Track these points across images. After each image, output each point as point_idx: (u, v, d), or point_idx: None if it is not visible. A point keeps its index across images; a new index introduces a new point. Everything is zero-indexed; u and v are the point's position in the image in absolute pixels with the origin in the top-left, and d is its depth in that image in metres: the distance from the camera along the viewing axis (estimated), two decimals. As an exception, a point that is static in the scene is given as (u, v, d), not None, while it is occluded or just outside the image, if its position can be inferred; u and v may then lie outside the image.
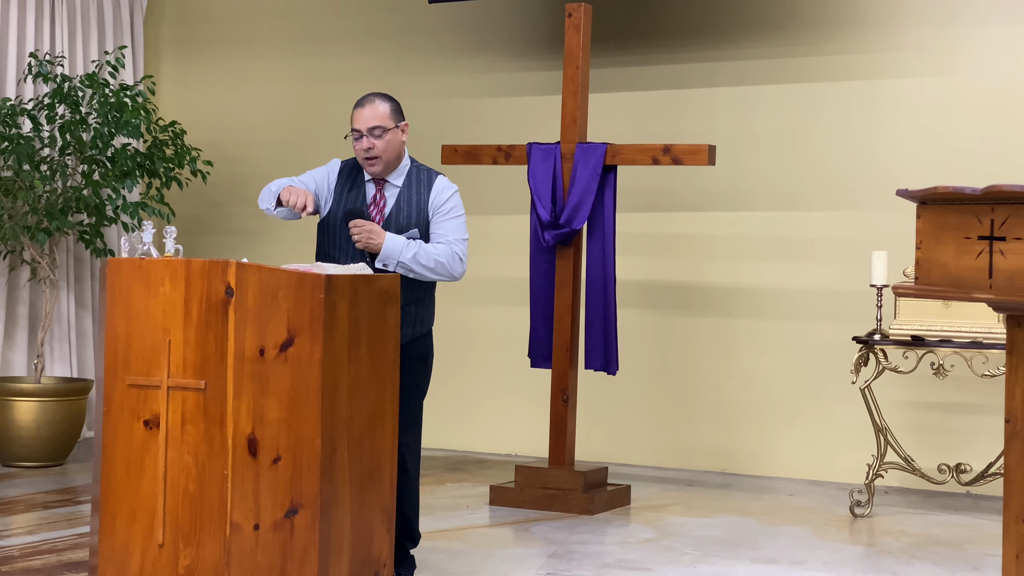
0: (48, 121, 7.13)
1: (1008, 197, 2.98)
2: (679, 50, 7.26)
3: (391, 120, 4.51)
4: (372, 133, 4.49)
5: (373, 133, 4.49)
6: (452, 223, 4.56)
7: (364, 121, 4.50)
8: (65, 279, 7.68)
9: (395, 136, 4.53)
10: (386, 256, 4.43)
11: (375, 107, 4.51)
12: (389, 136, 4.51)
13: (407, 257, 4.44)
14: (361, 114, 4.51)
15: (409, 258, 4.44)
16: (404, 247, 4.44)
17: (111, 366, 3.99)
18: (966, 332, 5.89)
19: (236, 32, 8.40)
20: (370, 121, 4.49)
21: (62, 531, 5.47)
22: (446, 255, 4.50)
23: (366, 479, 4.00)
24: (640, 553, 5.28)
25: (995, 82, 6.60)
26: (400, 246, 4.44)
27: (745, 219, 7.11)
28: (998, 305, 3.13)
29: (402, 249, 4.43)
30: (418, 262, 4.45)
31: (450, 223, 4.56)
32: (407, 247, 4.44)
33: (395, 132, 4.52)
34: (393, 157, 4.54)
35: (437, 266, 4.48)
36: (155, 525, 3.93)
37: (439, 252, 4.49)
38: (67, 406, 6.99)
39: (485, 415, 7.58)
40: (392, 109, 4.54)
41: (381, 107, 4.51)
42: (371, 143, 4.49)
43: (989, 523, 5.92)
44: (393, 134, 4.52)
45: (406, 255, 4.44)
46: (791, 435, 6.98)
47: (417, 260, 4.45)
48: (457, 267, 4.53)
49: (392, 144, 4.52)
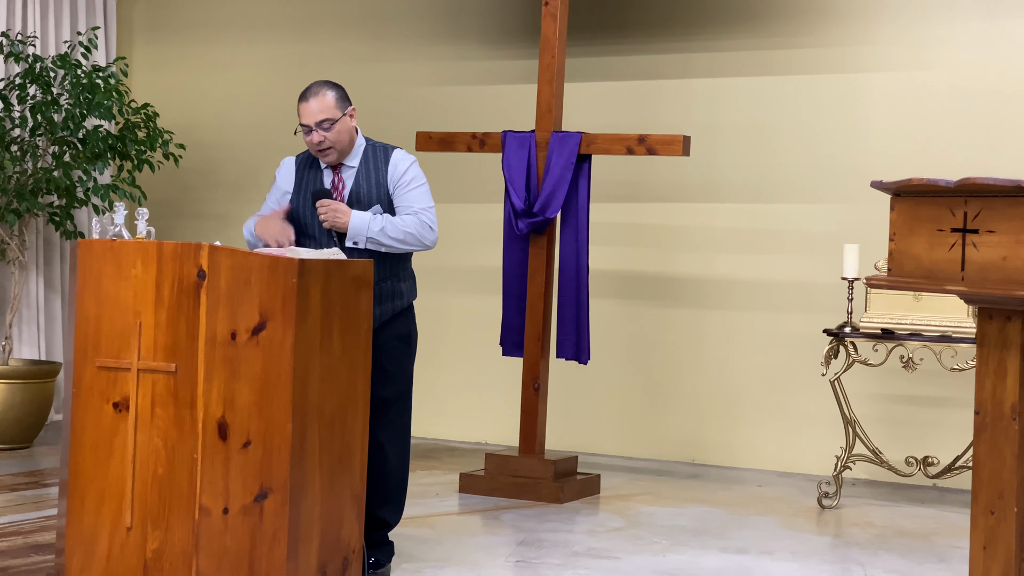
0: (19, 101, 7.08)
1: (981, 190, 2.99)
2: (655, 41, 7.26)
3: (337, 110, 4.48)
4: (321, 126, 4.46)
5: (322, 126, 4.46)
6: (415, 192, 4.55)
7: (311, 115, 4.47)
8: (35, 261, 7.62)
9: (344, 124, 4.50)
10: (354, 233, 4.43)
11: (320, 99, 4.46)
12: (338, 126, 4.48)
13: (375, 231, 4.43)
14: (307, 108, 4.47)
15: (377, 231, 4.44)
16: (371, 222, 4.43)
17: (81, 348, 3.97)
18: (935, 326, 5.92)
19: (210, 16, 8.35)
20: (317, 115, 4.46)
21: (29, 513, 5.44)
22: (414, 225, 4.49)
23: (336, 464, 3.99)
24: (609, 542, 5.29)
25: (968, 76, 6.63)
26: (366, 221, 4.43)
27: (718, 210, 7.12)
28: (970, 297, 3.15)
29: (368, 224, 4.43)
30: (387, 235, 4.45)
31: (413, 193, 4.54)
32: (373, 221, 4.44)
33: (344, 120, 4.49)
34: (346, 144, 4.53)
35: (407, 237, 4.47)
36: (123, 508, 3.91)
37: (407, 223, 4.48)
38: (35, 388, 6.95)
39: (456, 403, 7.57)
40: (337, 97, 4.50)
41: (326, 98, 4.47)
42: (321, 136, 4.47)
43: (955, 515, 5.96)
44: (342, 122, 4.49)
45: (373, 229, 4.43)
46: (761, 426, 7.01)
47: (386, 233, 4.44)
48: (428, 235, 4.52)
49: (343, 132, 4.50)
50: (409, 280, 4.66)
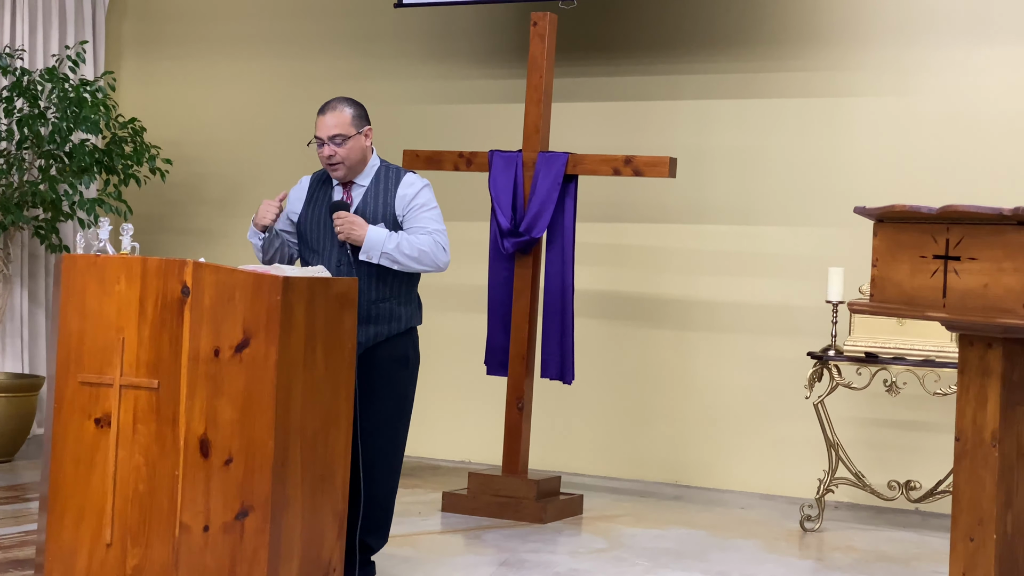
0: (6, 114, 7.07)
1: (963, 217, 3.00)
2: (642, 62, 7.29)
3: (352, 127, 4.50)
4: (333, 141, 4.48)
5: (334, 141, 4.48)
6: (428, 214, 4.55)
7: (326, 129, 4.50)
8: (19, 274, 7.60)
9: (357, 142, 4.51)
10: (369, 247, 4.42)
11: (337, 115, 4.49)
12: (351, 143, 4.50)
13: (390, 247, 4.42)
14: (323, 122, 4.51)
15: (392, 248, 4.43)
16: (387, 237, 4.43)
17: (63, 363, 3.96)
18: (919, 350, 5.94)
19: (199, 31, 8.36)
20: (331, 129, 4.49)
21: (9, 528, 5.41)
22: (429, 244, 4.48)
23: (318, 482, 3.98)
24: (591, 563, 5.28)
25: (952, 102, 6.67)
26: (383, 237, 4.43)
27: (703, 232, 7.14)
28: (951, 324, 3.16)
29: (385, 240, 4.42)
30: (401, 251, 4.44)
31: (426, 215, 4.54)
32: (390, 237, 4.43)
33: (357, 138, 4.51)
34: (357, 161, 4.53)
35: (421, 255, 4.47)
36: (103, 524, 3.90)
37: (422, 242, 4.48)
38: (17, 402, 6.92)
39: (440, 421, 7.57)
40: (354, 115, 4.52)
41: (343, 115, 4.50)
42: (332, 150, 4.48)
43: (937, 540, 5.97)
44: (355, 140, 4.50)
45: (389, 245, 4.42)
46: (744, 448, 7.01)
47: (400, 250, 4.44)
48: (442, 256, 4.52)
49: (354, 150, 4.51)
50: (412, 305, 4.62)
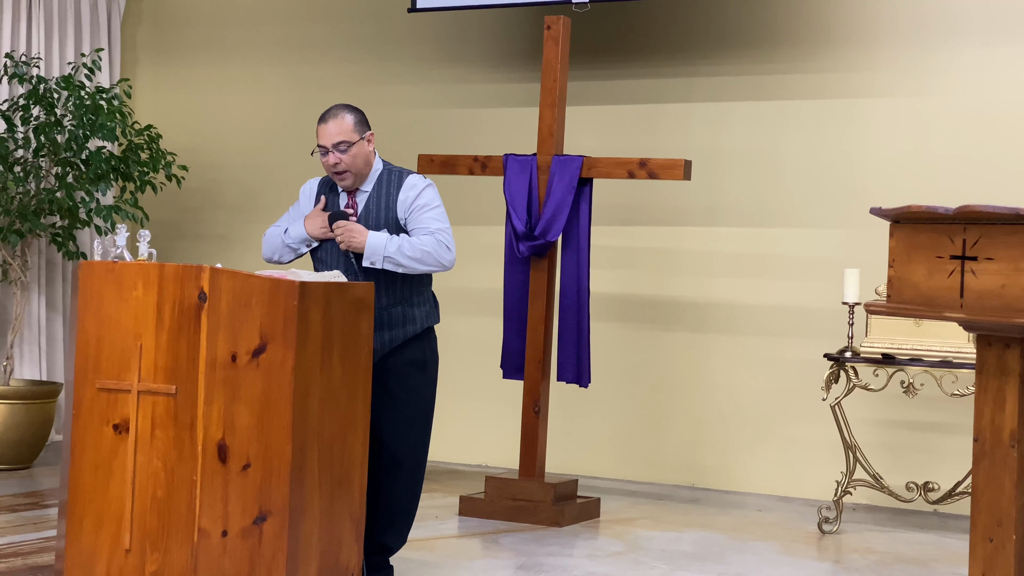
0: (23, 122, 7.10)
1: (980, 217, 3.00)
2: (656, 65, 7.28)
3: (355, 133, 4.50)
4: (337, 148, 4.48)
5: (339, 148, 4.48)
6: (430, 214, 4.54)
7: (329, 137, 4.49)
8: (36, 281, 7.63)
9: (361, 148, 4.51)
10: (371, 253, 4.42)
11: (338, 122, 4.49)
12: (355, 149, 4.49)
13: (392, 250, 4.43)
14: (325, 130, 4.50)
15: (394, 250, 4.43)
16: (387, 241, 4.43)
17: (81, 369, 3.97)
18: (936, 351, 5.92)
19: (213, 37, 8.38)
20: (335, 137, 4.48)
21: (28, 535, 5.43)
22: (431, 244, 4.48)
23: (336, 487, 3.99)
24: (608, 566, 5.28)
25: (968, 103, 6.65)
26: (383, 241, 4.43)
27: (719, 234, 7.13)
28: (969, 324, 3.15)
29: (385, 244, 4.43)
30: (404, 254, 4.44)
31: (427, 214, 4.53)
32: (390, 241, 4.44)
33: (360, 144, 4.51)
34: (361, 167, 4.54)
35: (425, 256, 4.46)
36: (122, 530, 3.91)
37: (424, 242, 4.47)
38: (36, 409, 6.95)
39: (456, 425, 7.57)
40: (356, 121, 4.52)
41: (344, 121, 4.49)
42: (337, 158, 4.49)
43: (956, 542, 5.95)
44: (359, 146, 4.51)
45: (390, 249, 4.43)
46: (761, 451, 7.00)
47: (403, 252, 4.44)
48: (445, 255, 4.51)
49: (359, 156, 4.51)
50: (425, 305, 4.62)
